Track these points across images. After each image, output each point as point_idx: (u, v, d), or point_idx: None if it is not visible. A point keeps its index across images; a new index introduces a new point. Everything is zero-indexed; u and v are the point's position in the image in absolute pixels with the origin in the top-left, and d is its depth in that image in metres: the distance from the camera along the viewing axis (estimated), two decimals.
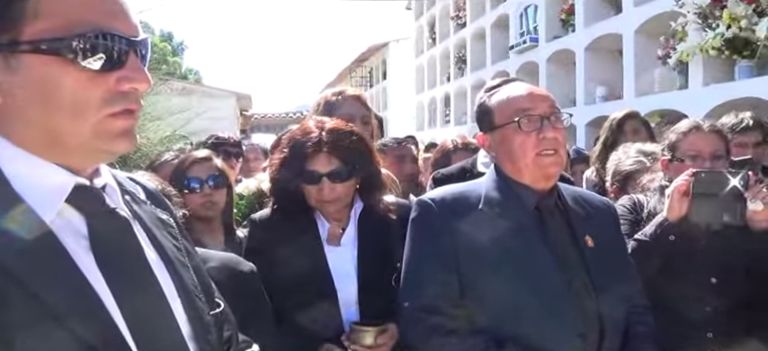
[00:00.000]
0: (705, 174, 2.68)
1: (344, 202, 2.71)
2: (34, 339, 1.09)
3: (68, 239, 1.20)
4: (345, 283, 2.64)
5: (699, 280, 2.81)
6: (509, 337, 2.25)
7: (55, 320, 1.11)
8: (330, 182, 2.61)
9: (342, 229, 2.74)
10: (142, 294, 1.28)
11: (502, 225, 2.33)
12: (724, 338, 2.79)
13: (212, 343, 1.43)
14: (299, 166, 2.63)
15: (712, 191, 2.62)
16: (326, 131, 2.66)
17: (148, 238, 1.39)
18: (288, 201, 2.72)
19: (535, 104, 2.36)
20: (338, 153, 2.63)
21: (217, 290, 1.64)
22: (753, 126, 4.21)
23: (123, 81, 1.22)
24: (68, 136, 1.20)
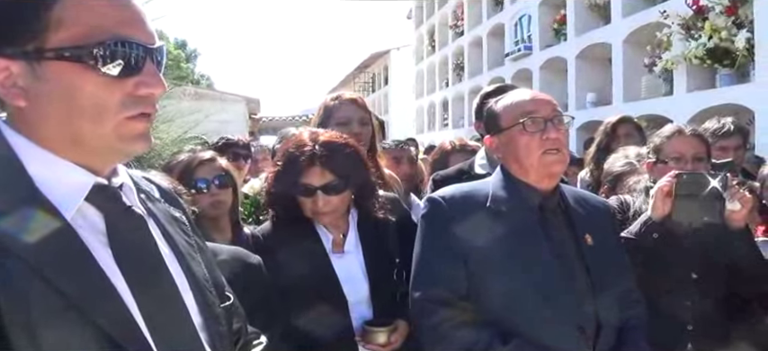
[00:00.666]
0: (687, 175, 2.72)
1: (340, 213, 2.69)
2: (55, 330, 1.12)
3: (87, 235, 1.23)
4: (355, 288, 2.63)
5: (680, 275, 2.84)
6: (511, 329, 2.28)
7: (75, 312, 1.14)
8: (324, 195, 2.58)
9: (342, 236, 2.72)
10: (156, 287, 1.31)
11: (507, 223, 2.38)
12: (703, 331, 2.81)
13: (222, 333, 1.46)
14: (293, 179, 2.61)
15: (693, 192, 2.66)
16: (320, 145, 2.63)
17: (162, 234, 1.42)
18: (285, 212, 2.70)
19: (539, 107, 2.43)
20: (332, 166, 2.59)
21: (227, 284, 1.67)
22: (734, 131, 4.25)
23: (140, 86, 1.26)
24: (89, 137, 1.24)
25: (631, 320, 2.46)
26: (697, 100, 11.79)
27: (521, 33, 21.49)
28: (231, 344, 1.56)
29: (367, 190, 2.73)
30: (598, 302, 2.35)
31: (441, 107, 30.13)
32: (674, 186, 2.69)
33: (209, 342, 1.39)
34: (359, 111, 3.47)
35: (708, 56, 11.20)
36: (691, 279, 2.84)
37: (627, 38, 14.81)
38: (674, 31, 11.90)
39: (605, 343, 2.34)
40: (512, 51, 21.38)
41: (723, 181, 2.65)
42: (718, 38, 10.88)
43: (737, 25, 10.78)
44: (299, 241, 2.65)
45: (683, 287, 2.84)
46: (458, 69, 27.65)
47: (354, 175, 2.66)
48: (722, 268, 2.86)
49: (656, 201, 2.75)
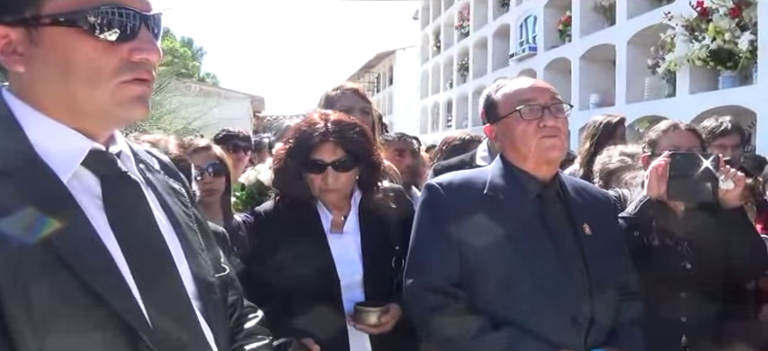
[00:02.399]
0: (680, 156, 2.75)
1: (346, 192, 2.72)
2: (46, 285, 1.15)
3: (83, 198, 1.26)
4: (349, 270, 2.65)
5: (673, 267, 2.85)
6: (504, 318, 2.28)
7: (66, 269, 1.17)
8: (334, 171, 2.62)
9: (343, 218, 2.75)
10: (149, 253, 1.33)
11: (504, 210, 2.36)
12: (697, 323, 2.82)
13: (216, 302, 1.48)
14: (304, 155, 2.64)
15: (687, 171, 2.70)
16: (331, 122, 2.67)
17: (159, 202, 1.45)
18: (291, 190, 2.72)
19: (536, 95, 2.41)
20: (343, 143, 2.64)
21: (224, 257, 1.70)
22: (731, 129, 4.26)
23: (135, 51, 1.28)
24: (85, 101, 1.27)
25: (627, 313, 2.45)
26: (699, 101, 11.79)
27: (526, 34, 21.49)
28: (225, 314, 1.58)
29: (373, 170, 2.75)
30: (594, 293, 2.33)
31: (445, 108, 30.12)
32: (668, 166, 2.73)
33: (201, 310, 1.41)
34: (360, 100, 3.50)
35: (711, 57, 11.22)
36: (684, 270, 2.85)
37: (631, 39, 14.82)
38: (678, 33, 11.91)
39: (598, 334, 2.32)
40: (516, 52, 21.38)
41: (715, 161, 2.69)
42: (721, 40, 10.90)
43: (741, 27, 10.80)
44: (299, 219, 2.68)
45: (676, 278, 2.84)
46: (462, 70, 27.64)
47: (363, 154, 2.69)
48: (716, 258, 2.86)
49: (651, 180, 2.77)
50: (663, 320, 2.75)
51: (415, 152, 4.67)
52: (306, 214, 2.70)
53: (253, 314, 1.80)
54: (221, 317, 1.51)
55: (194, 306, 1.39)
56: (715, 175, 2.69)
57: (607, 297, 2.39)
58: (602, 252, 2.40)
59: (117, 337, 1.21)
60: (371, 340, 2.62)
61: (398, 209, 2.79)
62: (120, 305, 1.21)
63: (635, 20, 14.64)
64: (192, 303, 1.39)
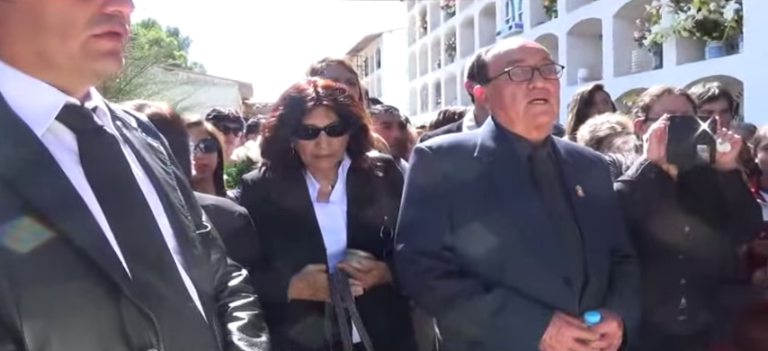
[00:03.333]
0: (678, 119, 2.73)
1: (337, 158, 2.69)
2: (20, 233, 1.13)
3: (58, 152, 1.24)
4: (335, 238, 2.62)
5: (672, 230, 2.80)
6: (496, 280, 2.24)
7: (43, 221, 1.15)
8: (327, 136, 2.59)
9: (331, 187, 2.71)
10: (128, 207, 1.32)
11: (494, 173, 2.32)
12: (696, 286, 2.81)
13: (198, 257, 1.46)
14: (296, 120, 2.60)
15: (685, 134, 2.68)
16: (322, 87, 2.64)
17: (137, 159, 1.43)
18: (280, 159, 2.69)
19: (526, 56, 2.35)
20: (334, 108, 2.61)
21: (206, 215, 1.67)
22: (719, 95, 4.26)
23: (108, 4, 1.26)
24: (56, 55, 1.25)
25: (622, 275, 2.42)
26: (687, 72, 11.80)
27: (512, 12, 21.54)
28: (208, 270, 1.56)
29: (362, 135, 2.72)
30: (587, 255, 2.30)
31: (434, 89, 30.15)
32: (666, 129, 2.72)
33: (183, 265, 1.39)
34: (346, 72, 3.48)
35: (697, 28, 11.25)
36: (683, 232, 2.82)
37: (617, 12, 14.85)
38: (664, 4, 11.94)
39: (592, 296, 2.29)
40: (503, 30, 21.39)
41: (712, 124, 2.69)
42: (706, 10, 10.93)
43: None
44: (286, 188, 2.65)
45: (675, 242, 2.81)
46: (450, 50, 27.68)
47: (353, 118, 2.66)
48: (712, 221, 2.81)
49: (651, 144, 2.73)
50: (662, 283, 2.75)
51: (403, 125, 4.63)
52: (293, 183, 2.67)
53: (237, 273, 1.78)
54: (204, 272, 1.50)
55: (176, 260, 1.38)
56: (712, 138, 2.68)
57: (601, 259, 2.36)
58: (596, 214, 2.37)
59: (96, 289, 1.20)
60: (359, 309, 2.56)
61: (387, 178, 2.76)
62: (99, 257, 1.20)
63: None
64: (173, 257, 1.38)
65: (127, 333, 1.22)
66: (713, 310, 2.82)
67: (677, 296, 2.82)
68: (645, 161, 2.74)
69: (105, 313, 1.21)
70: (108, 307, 1.21)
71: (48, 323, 1.15)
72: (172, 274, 1.36)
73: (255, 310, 1.69)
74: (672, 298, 2.82)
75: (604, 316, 2.23)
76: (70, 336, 1.17)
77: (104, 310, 1.21)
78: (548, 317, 2.19)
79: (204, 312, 1.42)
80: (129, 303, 1.22)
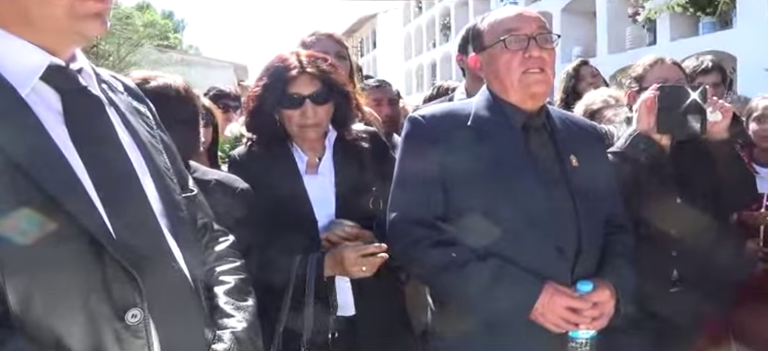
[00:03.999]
0: (668, 88, 2.71)
1: (323, 128, 2.67)
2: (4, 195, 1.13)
3: (42, 112, 1.24)
4: (324, 209, 2.61)
5: (664, 201, 2.79)
6: (489, 249, 2.23)
7: (25, 179, 1.15)
8: (312, 104, 2.57)
9: (318, 159, 2.69)
10: (113, 168, 1.32)
11: (488, 141, 2.30)
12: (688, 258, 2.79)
13: (183, 220, 1.46)
14: (280, 90, 2.58)
15: (675, 103, 2.66)
16: (305, 57, 2.63)
17: (122, 122, 1.42)
18: (266, 132, 2.67)
19: (522, 24, 2.32)
20: (319, 76, 2.59)
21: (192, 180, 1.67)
22: (712, 68, 4.25)
23: None
24: (38, 17, 1.24)
25: (616, 245, 2.41)
26: (680, 48, 11.75)
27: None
28: (194, 233, 1.56)
29: (347, 104, 2.70)
30: (580, 225, 2.28)
31: (429, 69, 30.12)
32: (656, 99, 2.70)
33: (169, 228, 1.39)
34: (336, 45, 3.43)
35: (690, 4, 11.22)
36: (675, 204, 2.80)
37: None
38: None
39: (585, 266, 2.28)
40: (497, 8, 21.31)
41: (703, 93, 2.66)
42: None
43: None
44: (274, 161, 2.63)
45: (667, 214, 2.79)
46: (445, 29, 27.62)
47: (337, 86, 2.64)
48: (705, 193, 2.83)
49: (640, 113, 2.71)
50: (654, 255, 2.73)
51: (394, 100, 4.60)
52: (280, 156, 2.65)
53: (223, 238, 1.78)
54: (189, 235, 1.49)
55: (160, 222, 1.38)
56: (703, 108, 2.66)
57: (594, 229, 2.34)
58: (589, 183, 2.35)
59: (80, 248, 1.20)
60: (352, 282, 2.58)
61: (373, 149, 2.75)
62: (82, 215, 1.20)
63: None
64: (158, 219, 1.37)
65: (110, 291, 1.22)
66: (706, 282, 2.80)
67: (669, 268, 2.81)
68: (634, 132, 2.73)
69: (89, 272, 1.21)
70: (91, 266, 1.21)
71: (30, 281, 1.15)
72: (156, 235, 1.36)
73: (242, 275, 1.69)
74: (664, 270, 2.81)
75: (597, 285, 2.22)
76: (53, 294, 1.17)
77: (88, 268, 1.21)
78: (539, 286, 2.18)
79: (189, 275, 1.42)
80: (112, 262, 1.22)
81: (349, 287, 2.59)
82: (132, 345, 1.24)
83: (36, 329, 1.16)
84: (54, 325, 1.18)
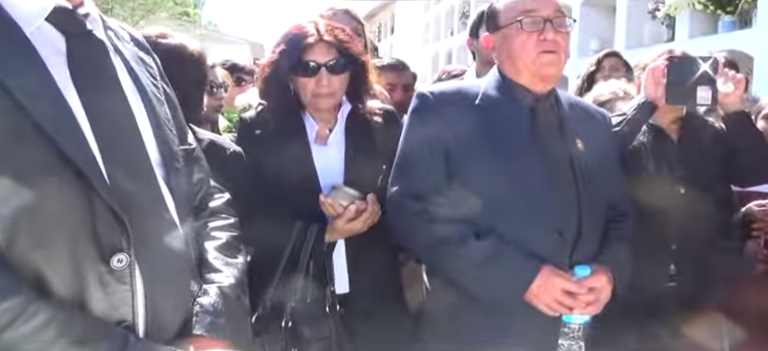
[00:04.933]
0: (678, 59, 2.68)
1: (337, 99, 2.65)
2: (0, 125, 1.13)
3: (45, 51, 1.23)
4: (331, 181, 2.59)
5: (667, 192, 2.80)
6: (488, 228, 2.23)
7: (20, 111, 1.15)
8: (328, 73, 2.55)
9: (329, 130, 2.67)
10: (112, 111, 1.31)
11: (494, 120, 2.30)
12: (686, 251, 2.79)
13: (179, 171, 1.45)
14: (296, 57, 2.56)
15: (685, 75, 2.63)
16: (323, 26, 2.62)
17: (126, 68, 1.42)
18: (279, 99, 2.65)
19: (539, 6, 2.31)
20: (335, 45, 2.57)
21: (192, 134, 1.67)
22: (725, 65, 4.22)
23: None
24: None
25: (616, 231, 2.40)
26: (699, 46, 11.70)
27: None
28: (189, 186, 1.55)
29: (363, 76, 2.68)
30: (582, 209, 2.28)
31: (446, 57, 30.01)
32: (665, 70, 2.67)
33: (164, 178, 1.39)
34: (352, 21, 3.45)
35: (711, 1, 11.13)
36: (678, 195, 2.80)
37: None
38: None
39: (584, 250, 2.27)
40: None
41: (714, 64, 2.63)
42: None
43: None
44: (284, 128, 2.61)
45: (669, 204, 2.78)
46: (463, 18, 27.48)
47: (353, 56, 2.62)
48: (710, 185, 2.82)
49: (647, 81, 2.71)
50: (653, 246, 2.72)
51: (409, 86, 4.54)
52: (291, 123, 2.63)
53: (219, 195, 1.77)
54: (184, 187, 1.49)
55: (157, 173, 1.37)
56: (713, 78, 2.62)
57: (596, 213, 2.34)
58: (594, 168, 2.34)
59: (70, 185, 1.19)
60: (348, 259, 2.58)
61: (387, 128, 2.72)
62: (74, 152, 1.19)
63: None
64: (154, 168, 1.37)
65: (97, 233, 1.21)
66: (703, 278, 2.79)
67: (667, 261, 2.80)
68: (643, 100, 2.71)
69: (77, 211, 1.20)
70: (80, 205, 1.20)
71: (18, 214, 1.15)
72: (150, 182, 1.35)
73: (234, 232, 1.68)
74: (661, 263, 2.80)
75: (594, 270, 2.22)
76: (39, 229, 1.16)
77: (76, 207, 1.20)
78: (536, 267, 2.18)
79: (180, 226, 1.41)
80: (102, 204, 1.21)
81: (344, 264, 2.58)
82: (116, 289, 1.24)
83: (19, 266, 1.16)
84: (37, 262, 1.17)
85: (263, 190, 2.48)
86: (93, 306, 1.22)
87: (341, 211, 2.46)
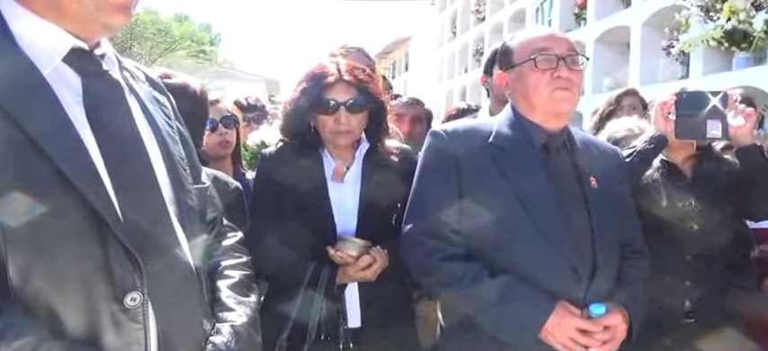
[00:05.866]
0: (687, 94, 2.68)
1: (355, 136, 2.69)
2: (14, 165, 1.15)
3: (62, 91, 1.25)
4: (345, 218, 2.62)
5: (680, 228, 2.77)
6: (503, 265, 2.22)
7: (37, 152, 1.16)
8: (346, 111, 2.60)
9: (346, 168, 2.70)
10: (126, 149, 1.33)
11: (508, 159, 2.30)
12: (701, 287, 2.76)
13: (192, 209, 1.47)
14: (316, 95, 2.61)
15: (695, 109, 2.63)
16: (344, 66, 2.68)
17: (141, 108, 1.44)
18: (299, 135, 2.69)
19: (552, 45, 2.32)
20: (355, 85, 2.63)
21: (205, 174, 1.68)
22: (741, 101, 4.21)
23: None
24: (69, 3, 1.27)
25: (631, 269, 2.38)
26: (713, 83, 11.66)
27: (541, 18, 21.46)
28: (202, 224, 1.56)
29: (381, 116, 2.73)
30: (596, 245, 2.26)
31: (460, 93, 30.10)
32: (675, 104, 2.67)
33: (177, 215, 1.40)
34: (365, 59, 3.50)
35: (725, 38, 11.13)
36: (691, 231, 2.77)
37: (646, 21, 14.76)
38: (693, 13, 11.82)
39: (599, 287, 2.25)
40: None
41: (724, 98, 2.63)
42: (736, 20, 10.80)
43: (756, 7, 10.69)
44: (302, 164, 2.65)
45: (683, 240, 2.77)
46: (477, 55, 27.63)
47: (372, 96, 2.67)
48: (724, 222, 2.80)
49: (657, 116, 2.71)
50: (667, 283, 2.69)
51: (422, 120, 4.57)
52: (309, 159, 2.67)
53: (232, 233, 1.78)
54: (197, 225, 1.50)
55: (170, 210, 1.38)
56: (723, 112, 2.62)
57: (610, 251, 2.32)
58: (608, 206, 2.34)
59: (84, 225, 1.20)
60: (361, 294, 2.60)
61: (403, 168, 2.73)
62: (89, 191, 1.20)
63: (651, 1, 14.54)
64: (167, 206, 1.38)
65: (111, 272, 1.22)
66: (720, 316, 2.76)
67: (682, 296, 2.78)
68: (653, 133, 2.71)
69: (91, 251, 1.21)
70: (94, 245, 1.21)
71: (33, 255, 1.16)
72: (164, 221, 1.36)
73: (247, 271, 1.69)
74: (677, 298, 2.77)
75: (610, 308, 2.19)
76: (54, 270, 1.17)
77: (91, 247, 1.21)
78: (551, 305, 2.16)
79: (193, 264, 1.42)
80: (116, 243, 1.23)
81: (356, 298, 2.60)
82: (129, 328, 1.24)
83: (33, 304, 1.16)
84: (51, 301, 1.18)
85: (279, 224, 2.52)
86: (107, 345, 1.23)
87: (351, 261, 2.49)
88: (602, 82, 16.89)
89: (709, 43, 11.38)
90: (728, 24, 10.85)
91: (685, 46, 12.16)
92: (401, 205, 2.54)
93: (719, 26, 10.97)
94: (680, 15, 12.30)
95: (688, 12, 11.94)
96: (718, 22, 11.01)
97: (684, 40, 12.13)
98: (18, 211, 1.14)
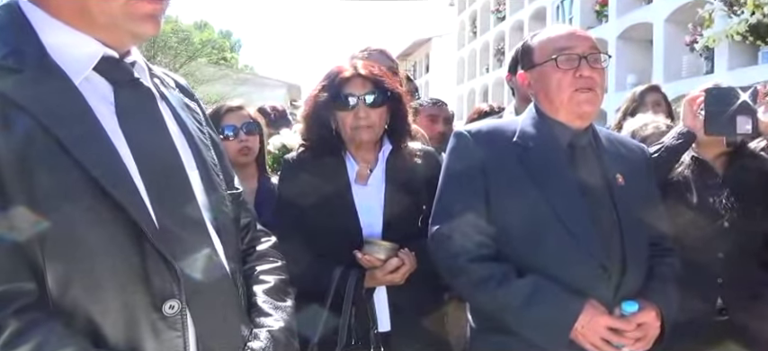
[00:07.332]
0: (716, 90, 2.65)
1: (376, 133, 2.68)
2: (50, 174, 1.16)
3: (94, 100, 1.27)
4: (370, 221, 2.61)
5: (712, 225, 2.74)
6: (532, 265, 2.20)
7: (72, 161, 1.18)
8: (365, 106, 2.60)
9: (370, 170, 2.69)
10: (160, 157, 1.34)
11: (534, 158, 2.28)
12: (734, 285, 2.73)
13: (227, 214, 1.47)
14: (334, 91, 2.63)
15: (724, 105, 2.60)
16: (359, 64, 2.70)
17: (173, 115, 1.45)
18: (320, 137, 2.69)
19: (574, 43, 2.29)
20: (371, 79, 2.64)
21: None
22: None
23: None
24: (97, 12, 1.28)
25: (662, 267, 2.35)
26: (738, 77, 11.58)
27: (562, 16, 21.39)
28: (236, 229, 1.57)
29: (401, 108, 2.73)
30: (625, 243, 2.23)
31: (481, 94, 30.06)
32: (704, 100, 2.66)
33: (212, 221, 1.40)
34: (387, 60, 3.50)
35: (750, 32, 11.02)
36: (723, 228, 2.74)
37: (669, 17, 14.67)
38: (717, 8, 11.71)
39: (629, 286, 2.22)
40: None
41: (754, 94, 2.60)
42: (761, 13, 10.69)
43: None
44: (325, 167, 2.65)
45: (714, 237, 2.74)
46: (498, 54, 27.59)
47: (390, 89, 2.67)
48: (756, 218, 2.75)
49: (685, 112, 2.69)
50: (699, 281, 2.67)
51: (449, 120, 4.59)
52: (332, 163, 2.67)
53: (266, 238, 1.78)
54: (232, 230, 1.50)
55: (204, 215, 1.39)
56: (753, 108, 2.59)
57: (639, 248, 2.29)
58: (635, 203, 2.31)
59: (121, 234, 1.21)
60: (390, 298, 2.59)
61: (427, 168, 2.73)
62: (125, 199, 1.21)
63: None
64: (202, 212, 1.39)
65: (149, 281, 1.24)
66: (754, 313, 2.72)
67: (714, 295, 2.75)
68: (682, 129, 2.70)
69: (129, 259, 1.22)
70: (132, 253, 1.22)
71: (70, 265, 1.17)
72: (199, 227, 1.37)
73: (282, 276, 1.69)
74: (708, 297, 2.75)
75: (643, 306, 2.17)
76: (92, 279, 1.19)
77: (128, 256, 1.22)
78: (581, 305, 2.14)
79: (229, 269, 1.43)
80: (153, 251, 1.24)
81: (386, 302, 2.60)
82: (167, 336, 1.25)
83: (72, 314, 1.18)
84: (90, 310, 1.19)
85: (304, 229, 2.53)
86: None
87: (378, 264, 2.49)
88: (625, 79, 16.79)
89: (733, 38, 11.26)
90: (753, 18, 10.73)
91: (709, 41, 12.05)
92: (426, 207, 2.53)
93: (744, 20, 10.85)
94: (703, 10, 12.19)
95: (711, 6, 11.83)
96: (742, 17, 10.89)
97: (708, 35, 12.02)
98: (55, 221, 1.15)
